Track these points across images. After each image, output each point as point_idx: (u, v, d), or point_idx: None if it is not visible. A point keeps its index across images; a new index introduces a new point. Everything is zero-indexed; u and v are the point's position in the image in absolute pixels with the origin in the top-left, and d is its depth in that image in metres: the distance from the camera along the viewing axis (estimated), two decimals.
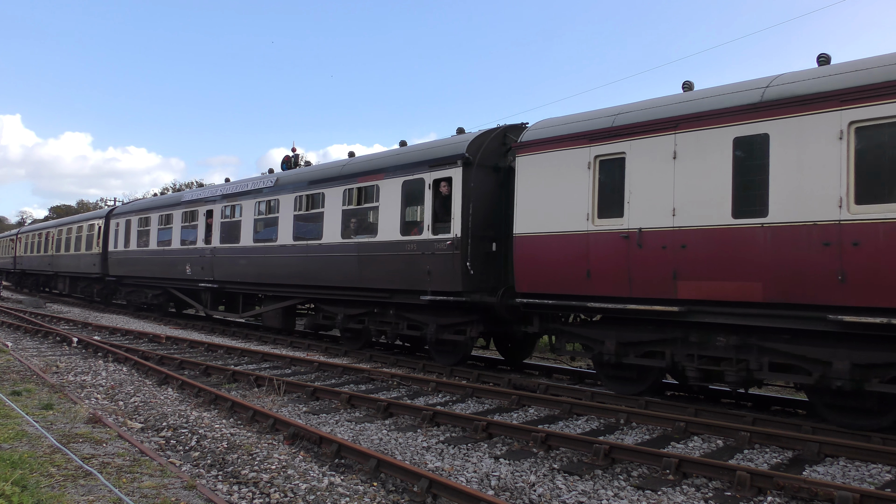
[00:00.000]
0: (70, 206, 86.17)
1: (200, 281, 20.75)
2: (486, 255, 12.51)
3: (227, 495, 5.89)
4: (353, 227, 15.05)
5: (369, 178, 14.66)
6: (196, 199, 21.81)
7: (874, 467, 6.94)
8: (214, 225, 20.17)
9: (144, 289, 25.62)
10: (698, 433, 8.24)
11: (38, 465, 6.11)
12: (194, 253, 21.05)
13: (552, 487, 6.22)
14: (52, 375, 11.52)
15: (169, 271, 22.70)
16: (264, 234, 17.99)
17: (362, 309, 15.07)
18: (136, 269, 25.50)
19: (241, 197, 19.13)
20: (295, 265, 16.42)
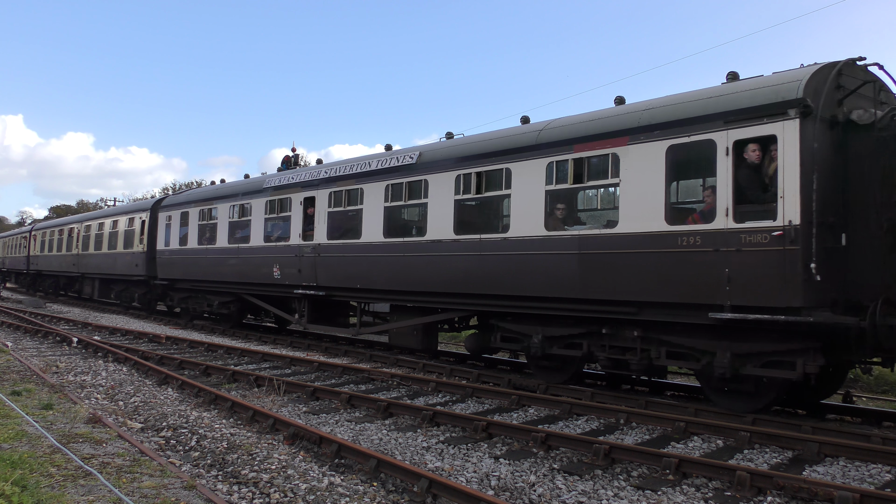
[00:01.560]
0: (70, 206, 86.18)
1: (296, 286, 16.48)
2: (832, 253, 8.53)
3: (227, 495, 5.89)
4: (564, 214, 11.11)
5: (599, 144, 10.35)
6: (288, 184, 17.28)
7: (874, 467, 6.94)
8: (318, 216, 15.90)
9: (207, 294, 21.07)
10: (698, 433, 8.24)
11: (38, 465, 6.11)
12: (286, 251, 16.78)
13: (552, 487, 6.22)
14: (52, 375, 11.52)
15: (246, 274, 18.36)
16: (401, 227, 14.26)
17: (578, 328, 10.76)
18: (195, 271, 21.00)
19: (363, 179, 14.83)
20: (456, 268, 12.36)
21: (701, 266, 9.08)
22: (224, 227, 19.64)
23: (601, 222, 10.81)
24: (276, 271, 17.17)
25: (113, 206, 47.08)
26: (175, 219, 22.56)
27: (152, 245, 24.07)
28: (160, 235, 23.45)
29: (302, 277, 16.30)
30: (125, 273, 26.19)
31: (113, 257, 27.44)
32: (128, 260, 25.90)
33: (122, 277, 26.88)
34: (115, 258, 27.20)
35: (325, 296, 15.99)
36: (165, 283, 23.16)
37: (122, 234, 26.76)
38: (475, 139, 13.01)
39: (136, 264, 25.10)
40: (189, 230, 21.47)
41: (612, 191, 10.67)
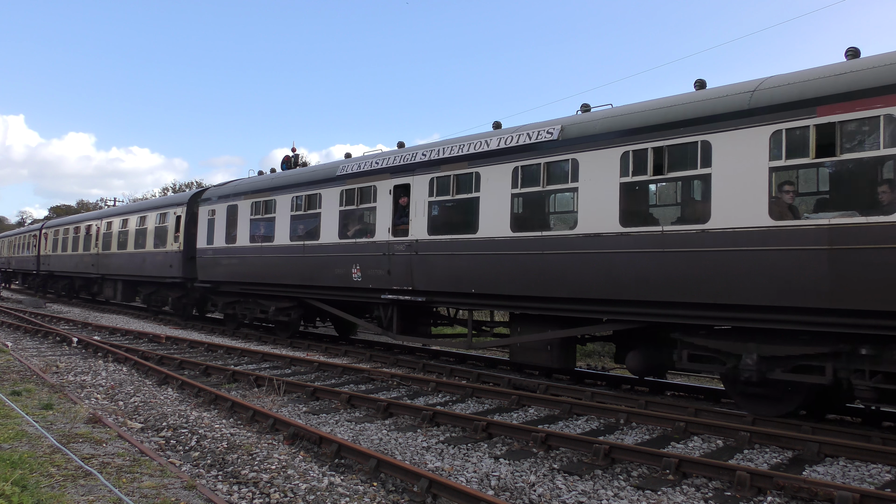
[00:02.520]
0: (70, 206, 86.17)
1: (383, 290, 13.99)
2: None
3: (226, 495, 5.89)
4: (798, 198, 8.87)
5: (854, 105, 7.83)
6: (372, 170, 14.56)
7: (874, 467, 6.94)
8: (416, 207, 13.41)
9: (261, 299, 18.39)
10: (698, 433, 8.24)
11: (38, 465, 6.11)
12: (370, 249, 14.25)
13: (552, 487, 6.22)
14: (52, 375, 11.52)
15: (314, 276, 15.81)
16: (536, 218, 11.73)
17: (817, 346, 8.34)
18: (246, 273, 18.32)
19: (479, 161, 12.17)
20: (621, 269, 9.89)
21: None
22: (285, 222, 16.94)
23: (851, 207, 8.13)
24: (355, 273, 14.53)
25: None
26: (220, 213, 19.79)
27: (190, 243, 21.46)
28: (201, 232, 20.67)
29: (392, 280, 13.69)
30: (156, 275, 23.54)
31: (141, 257, 24.77)
32: (159, 260, 23.20)
33: (151, 279, 24.17)
34: (143, 258, 24.58)
35: (424, 302, 13.27)
36: (207, 285, 20.26)
37: (151, 232, 24.12)
38: (651, 106, 10.16)
39: (169, 265, 22.38)
40: (238, 226, 18.81)
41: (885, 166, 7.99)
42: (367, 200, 14.71)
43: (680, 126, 9.40)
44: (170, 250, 22.69)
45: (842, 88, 8.00)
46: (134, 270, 25.44)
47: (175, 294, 23.38)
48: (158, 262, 23.35)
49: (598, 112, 11.09)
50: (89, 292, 32.31)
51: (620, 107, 10.89)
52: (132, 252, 25.69)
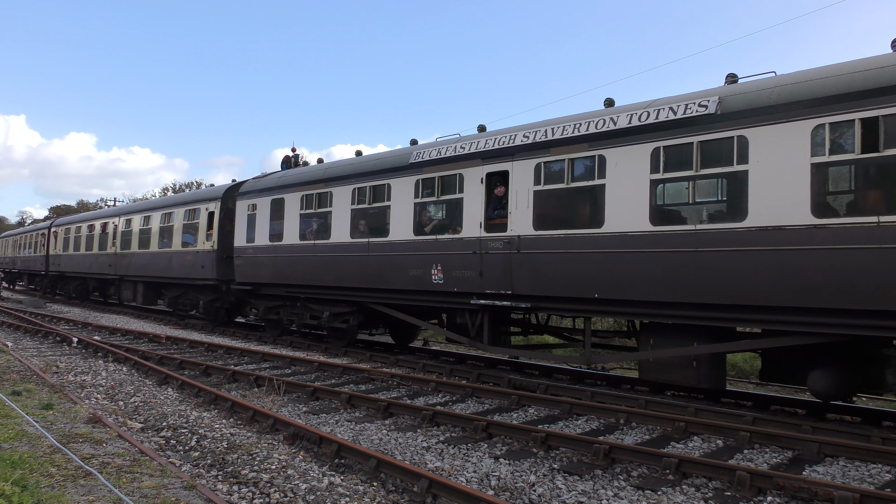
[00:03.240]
0: (70, 206, 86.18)
1: (471, 294, 12.18)
2: None
3: (227, 495, 5.90)
4: None
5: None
6: (458, 156, 12.66)
7: (874, 467, 6.94)
8: (516, 197, 11.48)
9: (312, 303, 16.55)
10: (698, 433, 8.24)
11: (38, 465, 6.11)
12: (456, 247, 12.42)
13: (552, 487, 6.22)
14: (52, 375, 11.53)
15: (380, 277, 13.97)
16: (683, 210, 10.16)
17: None
18: (295, 274, 16.48)
19: (602, 143, 10.45)
20: (811, 270, 8.23)
21: None
22: (343, 217, 15.09)
23: None
24: (435, 274, 12.71)
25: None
26: (262, 208, 17.88)
27: (225, 242, 19.61)
28: (239, 229, 18.74)
29: (485, 282, 11.87)
30: (184, 276, 21.63)
31: (166, 257, 22.82)
32: (189, 260, 21.30)
33: (179, 281, 22.25)
34: (169, 258, 22.65)
35: (527, 308, 11.63)
36: (247, 288, 18.31)
37: (179, 230, 22.22)
38: (858, 67, 8.24)
39: (201, 265, 20.43)
40: (286, 222, 16.92)
41: None
42: (450, 191, 12.77)
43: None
44: (201, 249, 20.65)
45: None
46: (158, 271, 23.50)
47: (207, 297, 21.21)
48: (188, 263, 21.40)
49: (772, 79, 9.21)
50: (105, 294, 30.68)
51: (804, 71, 9.03)
52: (156, 252, 23.78)
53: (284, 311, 17.63)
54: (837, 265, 8.00)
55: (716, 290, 9.04)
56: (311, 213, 16.31)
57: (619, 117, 10.42)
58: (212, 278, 20.20)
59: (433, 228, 13.20)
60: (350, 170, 15.40)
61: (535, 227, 11.21)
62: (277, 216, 17.37)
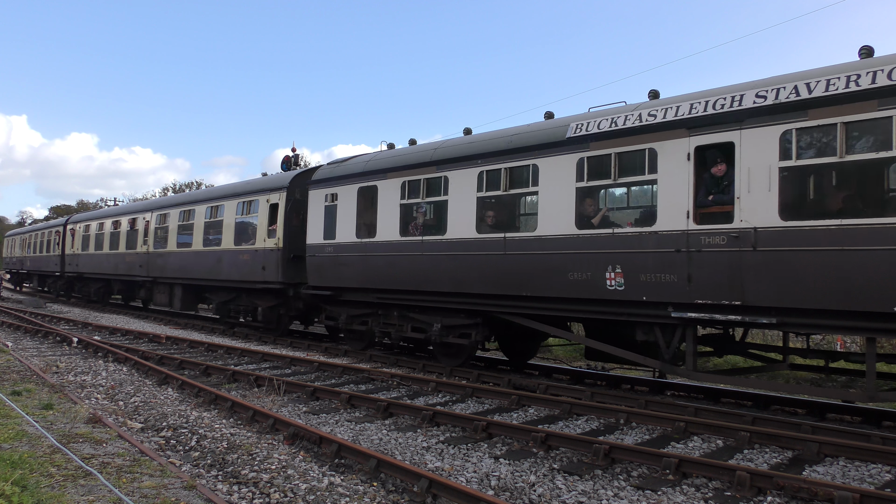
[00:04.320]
0: (70, 206, 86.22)
1: (669, 304, 9.57)
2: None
3: (226, 495, 5.90)
4: None
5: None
6: (646, 126, 9.91)
7: (874, 467, 6.94)
8: (746, 179, 8.85)
9: (414, 313, 13.77)
10: (698, 433, 8.24)
11: (38, 465, 6.11)
12: (643, 243, 9.76)
13: (552, 487, 6.22)
14: (52, 375, 11.53)
15: (521, 281, 11.28)
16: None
17: None
18: (392, 276, 13.76)
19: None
20: None
21: None
22: (465, 207, 12.32)
23: None
24: (610, 278, 10.07)
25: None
26: (346, 198, 15.10)
27: (292, 238, 17.03)
28: (313, 224, 15.93)
29: (694, 290, 9.26)
30: (239, 278, 18.78)
31: (214, 257, 20.06)
32: (244, 261, 18.47)
33: (231, 284, 19.50)
34: (217, 258, 19.86)
35: (772, 325, 8.87)
36: (326, 293, 15.45)
37: (231, 226, 19.40)
38: None
39: (261, 266, 17.60)
40: (380, 214, 14.15)
41: None
42: (634, 171, 10.10)
43: None
44: (261, 248, 17.80)
45: None
46: (202, 273, 20.66)
47: (267, 303, 18.31)
48: (243, 263, 18.54)
49: None
50: (133, 298, 28.41)
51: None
52: (200, 251, 20.96)
53: (375, 322, 14.70)
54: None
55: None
56: (416, 204, 13.55)
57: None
58: (276, 281, 17.18)
59: (606, 220, 10.59)
60: (475, 149, 12.49)
61: (784, 217, 8.51)
62: (367, 207, 14.61)
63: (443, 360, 13.47)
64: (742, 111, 8.99)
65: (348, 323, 15.41)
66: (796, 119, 8.49)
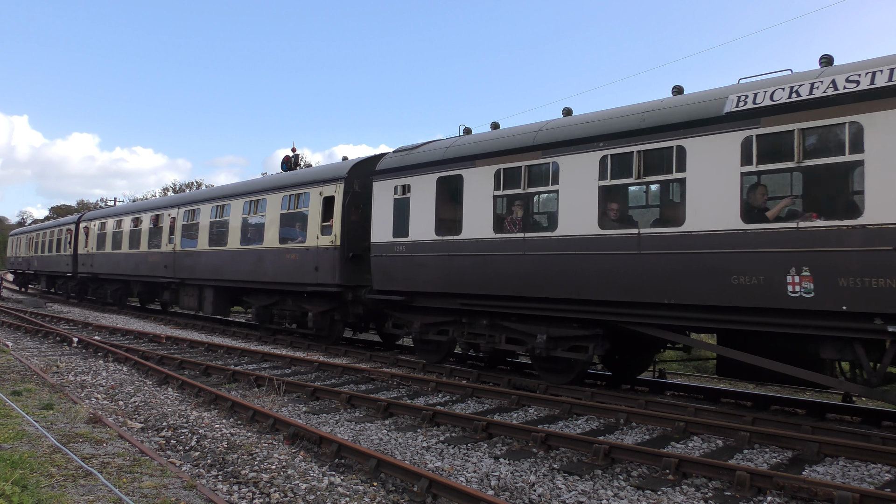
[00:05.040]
0: (70, 206, 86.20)
1: (881, 315, 7.73)
2: None
3: (227, 495, 5.90)
4: None
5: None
6: (852, 94, 7.92)
7: (874, 467, 6.94)
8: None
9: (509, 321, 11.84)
10: (698, 433, 8.24)
11: (39, 464, 6.11)
12: (847, 240, 7.98)
13: (552, 487, 6.23)
14: (52, 375, 11.53)
15: (662, 287, 9.47)
16: None
17: None
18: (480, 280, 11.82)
19: None
20: None
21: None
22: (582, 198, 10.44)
23: None
24: (794, 283, 8.25)
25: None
26: (422, 189, 13.04)
27: (351, 236, 15.16)
28: (379, 219, 13.92)
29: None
30: (285, 280, 16.75)
31: (254, 257, 17.98)
32: (292, 260, 16.49)
33: (273, 287, 17.55)
34: (258, 258, 17.79)
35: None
36: (395, 298, 13.63)
37: (275, 221, 17.45)
38: None
39: (314, 267, 15.65)
40: (467, 207, 12.09)
41: None
42: (828, 151, 8.30)
43: None
44: (313, 246, 15.80)
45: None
46: (239, 274, 18.65)
47: (319, 308, 16.31)
48: (290, 264, 16.54)
49: None
50: (156, 300, 26.73)
51: None
52: (237, 250, 18.86)
53: (457, 331, 12.80)
54: None
55: None
56: (515, 195, 11.63)
57: None
58: (331, 283, 15.24)
59: (786, 213, 8.84)
60: (594, 130, 10.54)
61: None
62: (449, 200, 12.70)
63: (546, 376, 11.53)
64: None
65: (422, 332, 13.41)
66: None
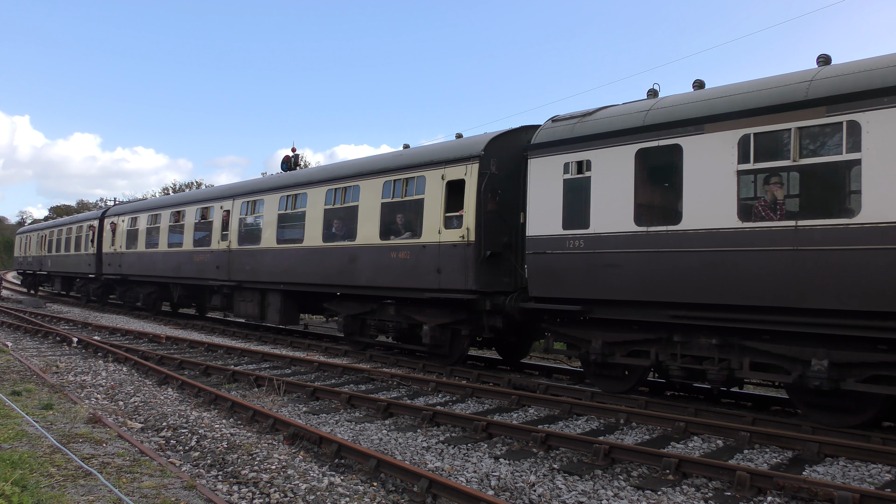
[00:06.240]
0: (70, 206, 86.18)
1: None
2: None
3: (226, 495, 5.90)
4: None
5: None
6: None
7: (874, 467, 6.94)
8: None
9: (748, 341, 9.02)
10: (698, 433, 8.24)
11: (38, 465, 6.11)
12: None
13: (552, 487, 6.22)
14: (52, 375, 11.52)
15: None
16: None
17: None
18: (712, 286, 8.97)
19: None
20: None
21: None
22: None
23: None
24: None
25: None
26: (609, 166, 10.16)
27: (488, 228, 12.10)
28: (540, 207, 11.04)
29: None
30: (390, 284, 13.89)
31: (345, 255, 14.97)
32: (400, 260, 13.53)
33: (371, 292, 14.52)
34: (351, 256, 14.75)
35: None
36: (575, 307, 10.51)
37: (372, 212, 14.41)
38: None
39: (435, 268, 12.69)
40: (687, 189, 9.30)
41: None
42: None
43: None
44: (433, 242, 12.86)
45: None
46: (321, 276, 15.71)
47: (439, 319, 13.19)
48: (397, 264, 13.60)
49: None
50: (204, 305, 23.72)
51: None
52: (316, 248, 15.93)
53: (663, 352, 9.82)
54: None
55: None
56: (775, 169, 8.72)
57: None
58: (462, 289, 12.21)
59: None
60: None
61: None
62: (656, 179, 10.02)
63: (823, 416, 8.65)
64: None
65: (606, 353, 10.39)
66: None
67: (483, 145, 12.37)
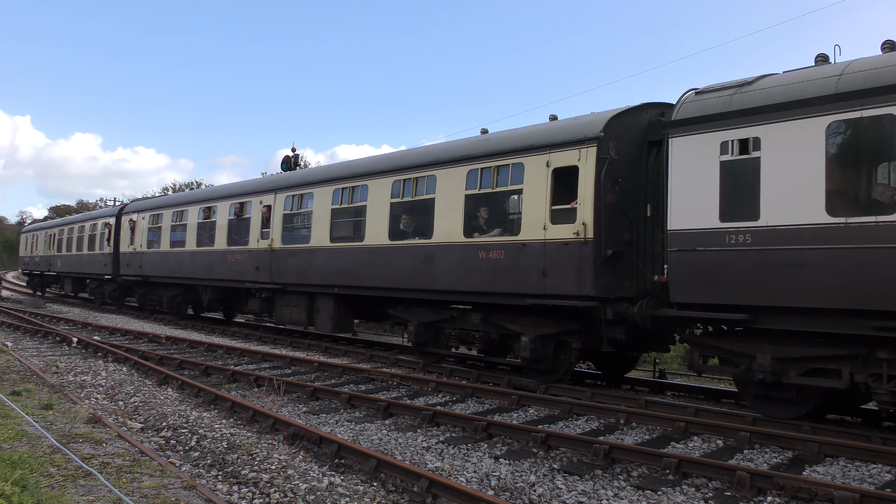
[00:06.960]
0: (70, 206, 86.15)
1: None
2: None
3: (226, 495, 5.90)
4: None
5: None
6: None
7: (874, 467, 6.94)
8: None
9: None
10: (698, 433, 8.24)
11: (38, 465, 6.11)
12: None
13: (552, 487, 6.22)
14: (51, 375, 11.52)
15: None
16: None
17: None
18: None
19: None
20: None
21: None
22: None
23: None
24: None
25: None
26: (790, 145, 8.34)
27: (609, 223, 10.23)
28: (686, 195, 9.22)
29: None
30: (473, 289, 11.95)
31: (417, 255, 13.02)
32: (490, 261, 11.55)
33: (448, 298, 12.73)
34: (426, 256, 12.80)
35: None
36: (741, 316, 8.70)
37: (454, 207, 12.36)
38: None
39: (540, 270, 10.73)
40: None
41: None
42: None
43: None
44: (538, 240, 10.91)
45: None
46: (385, 279, 13.80)
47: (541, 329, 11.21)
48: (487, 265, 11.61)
49: None
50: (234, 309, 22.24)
51: None
52: (380, 246, 13.91)
53: (858, 370, 8.06)
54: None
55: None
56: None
57: None
58: (576, 295, 10.36)
59: None
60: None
61: None
62: (856, 159, 8.14)
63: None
64: None
65: (777, 371, 8.65)
66: None
67: (602, 125, 10.42)
